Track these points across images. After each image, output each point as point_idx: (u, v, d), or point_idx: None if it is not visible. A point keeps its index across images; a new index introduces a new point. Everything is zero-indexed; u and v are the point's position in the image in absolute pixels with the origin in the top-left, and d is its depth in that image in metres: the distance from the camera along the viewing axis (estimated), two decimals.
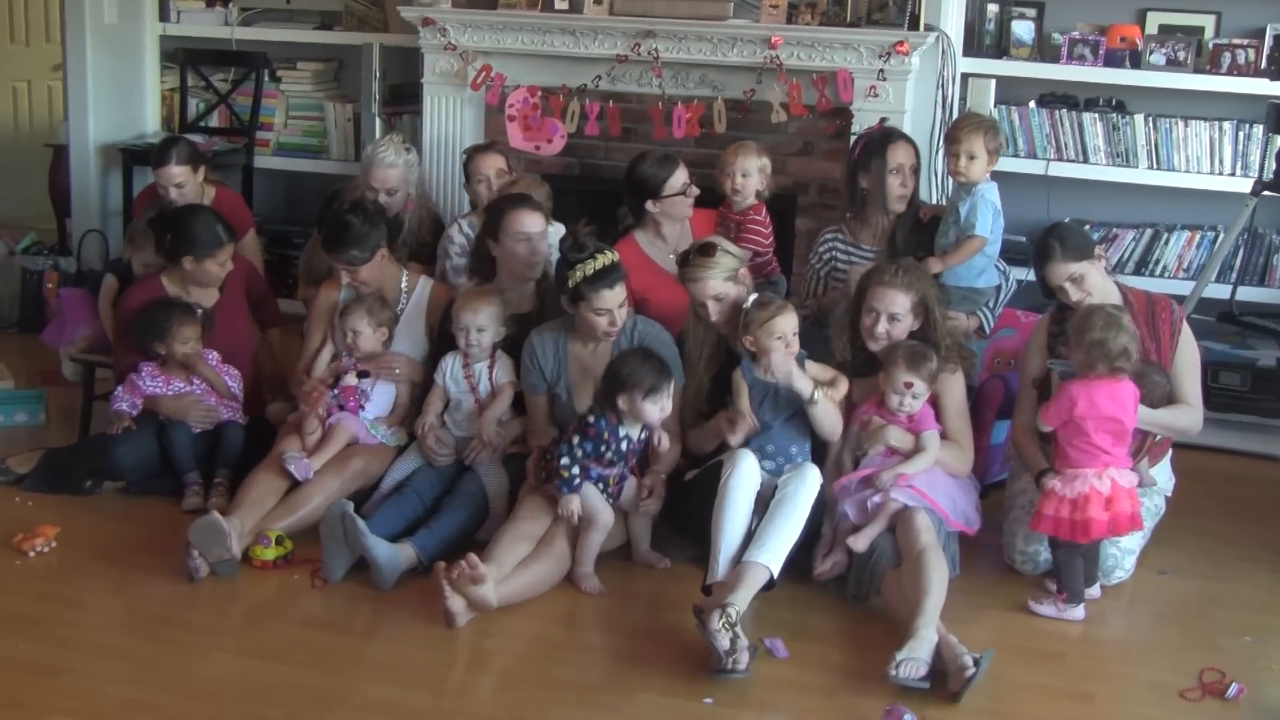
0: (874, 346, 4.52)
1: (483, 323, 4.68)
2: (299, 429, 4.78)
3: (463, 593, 4.04)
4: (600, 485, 4.32)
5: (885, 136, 5.18)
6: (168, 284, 5.14)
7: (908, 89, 5.71)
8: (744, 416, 4.38)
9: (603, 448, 4.25)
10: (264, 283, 5.58)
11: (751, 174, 5.17)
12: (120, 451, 4.84)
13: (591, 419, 4.29)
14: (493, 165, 5.54)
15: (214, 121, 7.16)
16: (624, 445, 4.28)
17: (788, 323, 4.38)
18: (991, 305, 5.06)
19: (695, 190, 5.20)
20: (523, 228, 4.86)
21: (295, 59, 7.13)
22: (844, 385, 4.52)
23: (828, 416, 4.43)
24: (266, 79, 7.07)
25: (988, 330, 5.04)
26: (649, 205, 5.19)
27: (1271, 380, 5.80)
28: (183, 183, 5.62)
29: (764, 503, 4.28)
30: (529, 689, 3.76)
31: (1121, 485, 4.22)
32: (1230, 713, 3.80)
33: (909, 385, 4.39)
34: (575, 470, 4.25)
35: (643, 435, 4.33)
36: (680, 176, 5.16)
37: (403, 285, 5.11)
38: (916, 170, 5.14)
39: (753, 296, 4.48)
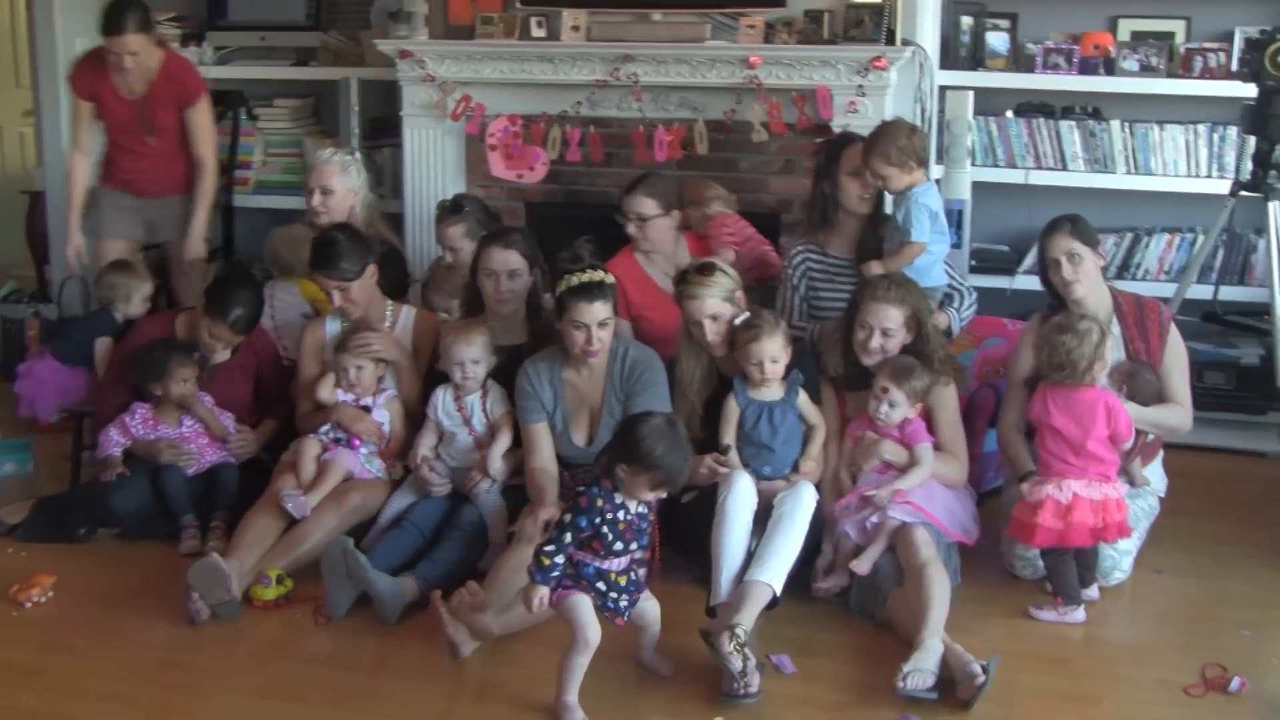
0: (867, 361, 4.54)
1: (476, 354, 4.69)
2: (294, 467, 4.78)
3: (465, 621, 4.04)
4: (601, 586, 3.74)
5: (842, 140, 5.20)
6: (179, 327, 5.19)
7: (887, 103, 5.74)
8: (730, 465, 4.42)
9: (598, 520, 3.66)
10: (280, 373, 5.32)
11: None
12: (116, 499, 4.83)
13: (583, 488, 3.79)
14: (450, 241, 5.52)
15: None
16: (622, 515, 3.68)
17: (761, 349, 4.44)
18: (959, 306, 5.07)
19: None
20: (489, 264, 4.88)
21: (272, 96, 7.13)
22: (820, 436, 4.57)
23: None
24: (244, 117, 7.06)
25: (954, 333, 5.03)
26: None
27: (1255, 378, 5.86)
28: (138, 51, 5.60)
29: (761, 522, 4.30)
30: (540, 716, 3.75)
31: (1084, 496, 4.26)
32: (1234, 706, 3.83)
33: (885, 390, 4.43)
34: (559, 560, 3.66)
35: (644, 512, 3.77)
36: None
37: (387, 314, 5.13)
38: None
39: (743, 316, 4.51)
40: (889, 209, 5.05)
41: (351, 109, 6.72)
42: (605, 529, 3.67)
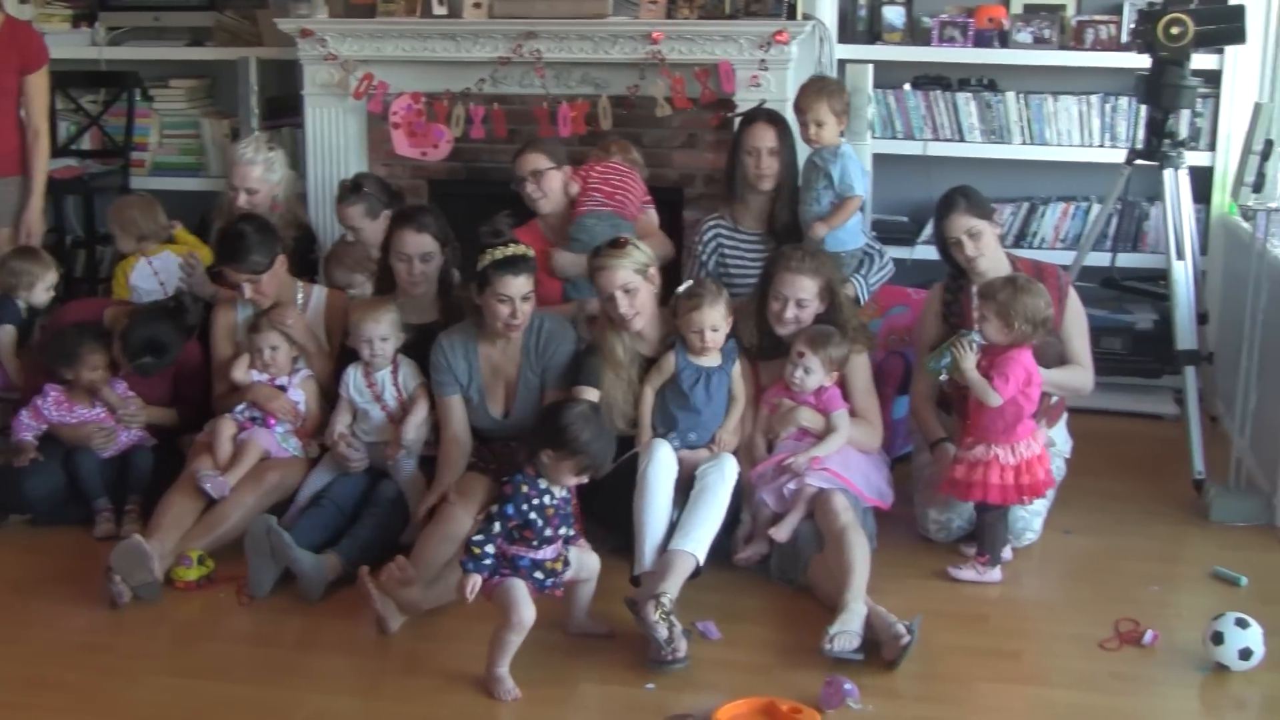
0: (782, 332, 4.60)
1: (385, 332, 4.69)
2: (210, 448, 4.74)
3: (392, 596, 4.05)
4: (539, 575, 3.79)
5: (747, 118, 5.28)
6: (107, 318, 5.09)
7: (788, 77, 5.78)
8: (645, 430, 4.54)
9: (525, 507, 3.72)
10: (199, 384, 5.15)
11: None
12: (30, 485, 4.76)
13: (506, 478, 3.83)
14: (350, 221, 5.54)
15: (86, 144, 7.01)
16: (547, 500, 3.76)
17: (702, 317, 4.48)
18: (868, 272, 5.17)
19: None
20: (402, 248, 4.88)
21: (167, 77, 7.02)
22: (740, 408, 4.63)
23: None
24: (139, 98, 6.95)
25: (862, 301, 5.11)
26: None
27: (1150, 342, 6.04)
28: None
29: (683, 489, 4.36)
30: (472, 689, 3.77)
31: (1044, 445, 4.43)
32: (1149, 658, 3.96)
33: (801, 355, 4.49)
34: (489, 549, 3.72)
35: (567, 496, 3.85)
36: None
37: (299, 296, 5.11)
38: (779, 151, 5.15)
39: (686, 284, 4.59)
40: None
41: (250, 89, 6.64)
42: (533, 515, 3.73)
